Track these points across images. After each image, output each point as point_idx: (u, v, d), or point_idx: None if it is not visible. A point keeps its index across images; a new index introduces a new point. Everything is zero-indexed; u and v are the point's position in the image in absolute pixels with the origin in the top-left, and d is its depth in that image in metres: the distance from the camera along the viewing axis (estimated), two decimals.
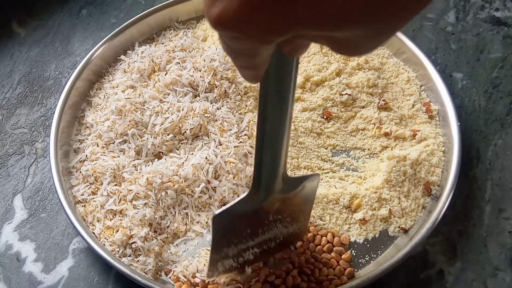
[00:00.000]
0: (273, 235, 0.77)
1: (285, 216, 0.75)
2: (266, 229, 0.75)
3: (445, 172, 0.86)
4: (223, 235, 0.72)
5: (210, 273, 0.76)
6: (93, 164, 0.87)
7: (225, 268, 0.76)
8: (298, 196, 0.73)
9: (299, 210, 0.77)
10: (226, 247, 0.74)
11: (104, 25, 1.13)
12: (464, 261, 0.82)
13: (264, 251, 0.78)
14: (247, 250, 0.76)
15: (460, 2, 1.12)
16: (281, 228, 0.76)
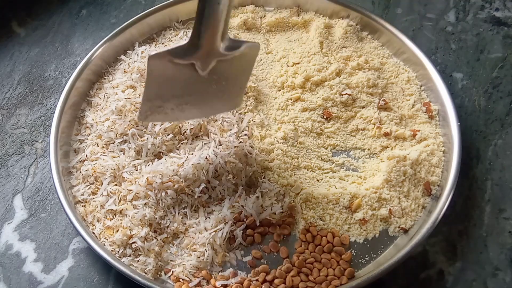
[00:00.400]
0: (208, 94, 0.79)
1: (221, 79, 0.77)
2: (201, 87, 0.77)
3: (445, 172, 0.86)
4: (158, 81, 0.74)
5: (141, 116, 0.78)
6: (93, 164, 0.87)
7: (157, 115, 0.79)
8: (236, 61, 0.76)
9: (235, 78, 0.79)
10: (159, 94, 0.76)
11: (104, 25, 1.12)
12: (464, 261, 0.82)
13: (199, 107, 0.80)
14: (181, 104, 0.78)
15: (460, 2, 1.12)
16: (216, 91, 0.79)
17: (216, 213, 0.82)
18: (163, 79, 0.75)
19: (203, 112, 0.84)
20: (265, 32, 1.07)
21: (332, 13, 1.06)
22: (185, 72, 0.75)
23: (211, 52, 0.73)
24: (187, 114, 0.82)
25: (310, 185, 0.87)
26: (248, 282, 0.77)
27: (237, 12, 1.08)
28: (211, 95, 0.80)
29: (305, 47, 1.01)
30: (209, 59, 0.74)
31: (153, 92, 0.76)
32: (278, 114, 0.93)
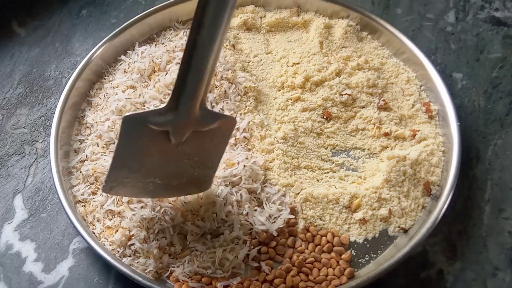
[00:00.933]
0: (178, 170, 0.75)
1: (194, 153, 0.74)
2: (172, 160, 0.74)
3: (445, 172, 0.86)
4: (129, 146, 0.71)
5: (106, 186, 0.75)
6: (94, 164, 0.87)
7: (123, 188, 0.75)
8: (210, 135, 0.72)
9: (208, 153, 0.76)
10: (128, 162, 0.72)
11: (104, 25, 1.13)
12: (464, 261, 0.82)
13: (167, 186, 0.77)
14: (150, 178, 0.75)
15: (460, 2, 1.12)
16: (187, 166, 0.75)
17: (227, 232, 0.81)
18: (135, 145, 0.71)
19: (170, 192, 0.80)
20: (265, 32, 1.07)
21: (332, 13, 1.06)
22: (158, 141, 0.71)
23: (187, 120, 0.69)
24: (154, 192, 0.78)
25: (310, 185, 0.87)
26: (248, 282, 0.77)
27: (237, 12, 1.08)
28: (181, 172, 0.76)
29: (305, 47, 1.01)
30: (185, 129, 0.71)
31: (122, 159, 0.72)
32: (278, 114, 0.93)
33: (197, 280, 0.77)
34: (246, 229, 0.82)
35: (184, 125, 0.70)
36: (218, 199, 0.82)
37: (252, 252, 0.80)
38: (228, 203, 0.82)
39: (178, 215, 0.80)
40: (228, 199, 0.82)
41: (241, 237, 0.80)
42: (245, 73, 0.96)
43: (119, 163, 0.72)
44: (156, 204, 0.81)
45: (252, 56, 1.02)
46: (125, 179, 0.75)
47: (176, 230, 0.81)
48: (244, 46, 1.03)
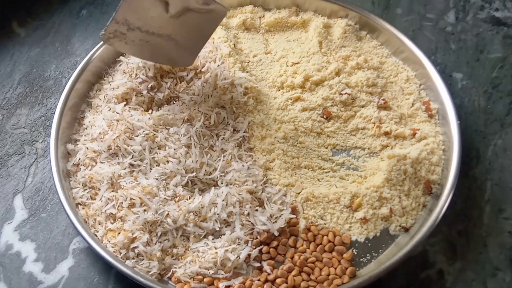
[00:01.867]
0: (167, 40, 0.85)
1: (183, 28, 0.84)
2: (166, 29, 0.84)
3: (445, 170, 0.86)
4: (132, 6, 0.80)
5: (105, 36, 0.83)
6: (90, 171, 0.86)
7: (118, 41, 0.84)
8: (202, 18, 0.83)
9: (195, 34, 0.86)
10: (128, 20, 0.81)
11: (104, 25, 1.11)
12: (464, 261, 0.82)
13: (157, 50, 0.87)
14: (144, 38, 0.84)
15: (460, 2, 1.12)
16: (175, 39, 0.85)
17: (228, 233, 0.81)
18: (137, 6, 0.80)
19: (158, 57, 0.89)
20: (264, 32, 1.07)
21: (330, 12, 1.06)
22: (157, 8, 0.81)
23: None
24: (143, 53, 0.88)
25: (310, 184, 0.87)
26: (250, 282, 0.77)
27: (236, 12, 1.08)
28: (170, 42, 0.86)
29: (304, 47, 1.01)
30: (181, 2, 0.80)
31: (123, 15, 0.80)
32: (278, 114, 0.93)
33: (199, 281, 0.77)
34: (248, 229, 0.82)
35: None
36: (219, 200, 0.82)
37: (254, 252, 0.80)
38: (230, 203, 0.82)
39: (180, 217, 0.80)
40: (229, 200, 0.82)
41: (243, 237, 0.80)
42: (245, 74, 0.96)
43: (120, 18, 0.81)
44: (159, 206, 0.80)
45: (252, 56, 1.02)
46: (122, 35, 0.83)
47: (178, 232, 0.81)
48: (243, 46, 1.03)
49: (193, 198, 0.83)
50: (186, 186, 0.84)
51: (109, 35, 0.83)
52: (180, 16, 0.83)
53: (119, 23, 0.82)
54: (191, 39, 0.87)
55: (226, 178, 0.84)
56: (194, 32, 0.86)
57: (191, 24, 0.85)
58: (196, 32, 0.86)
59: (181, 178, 0.84)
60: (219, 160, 0.86)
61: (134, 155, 0.86)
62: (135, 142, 0.86)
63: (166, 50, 0.87)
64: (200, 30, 0.86)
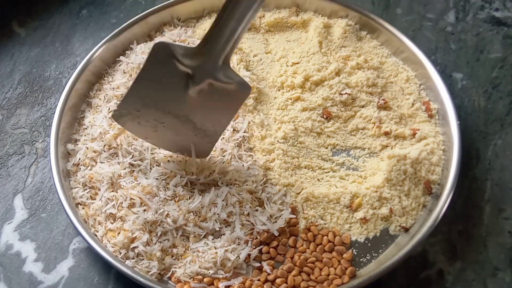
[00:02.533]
0: (185, 123, 0.78)
1: (204, 109, 0.77)
2: (184, 109, 0.77)
3: (445, 170, 0.86)
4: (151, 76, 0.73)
5: (116, 114, 0.78)
6: (90, 171, 0.86)
7: (130, 122, 0.78)
8: (224, 96, 0.75)
9: (217, 115, 0.78)
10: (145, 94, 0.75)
11: (104, 25, 1.13)
12: (464, 261, 0.82)
13: (170, 136, 0.80)
14: (159, 119, 0.78)
15: (460, 2, 1.12)
16: (195, 121, 0.78)
17: (228, 233, 0.81)
18: (156, 77, 0.74)
19: (171, 145, 0.83)
20: (264, 32, 1.07)
21: (331, 12, 1.06)
22: (176, 82, 0.74)
23: (210, 67, 0.72)
24: (157, 138, 0.81)
25: (310, 184, 0.87)
26: (250, 282, 0.77)
27: None
28: (187, 126, 0.79)
29: (304, 47, 1.01)
30: (205, 76, 0.73)
31: (140, 88, 0.75)
32: (278, 114, 0.93)
33: (199, 281, 0.77)
34: (248, 229, 0.82)
35: (205, 72, 0.72)
36: (219, 200, 0.82)
37: (254, 252, 0.80)
38: (229, 203, 0.82)
39: (180, 217, 0.80)
40: (229, 200, 0.82)
41: (243, 237, 0.80)
42: (249, 73, 0.96)
43: (136, 93, 0.76)
44: (159, 206, 0.80)
45: (252, 56, 1.02)
46: (136, 112, 0.78)
47: (178, 232, 0.81)
48: (243, 46, 1.03)
49: (193, 198, 0.83)
50: (186, 186, 0.84)
51: (121, 114, 0.78)
52: (200, 93, 0.75)
53: (133, 98, 0.76)
54: (210, 122, 0.79)
55: (226, 178, 0.84)
56: (214, 114, 0.78)
57: (211, 104, 0.77)
58: (216, 114, 0.78)
59: (181, 178, 0.84)
60: (219, 161, 0.86)
61: (134, 154, 0.86)
62: (137, 142, 0.86)
63: (182, 136, 0.81)
64: (220, 112, 0.78)
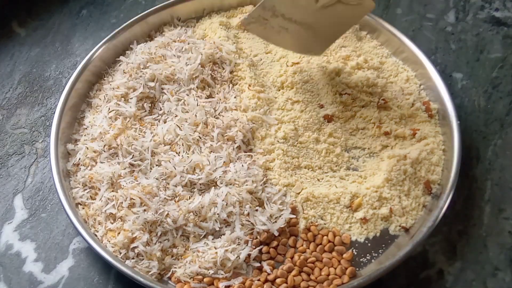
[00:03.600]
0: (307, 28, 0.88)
1: (326, 18, 0.87)
2: (308, 18, 0.87)
3: (445, 170, 0.86)
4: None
5: (246, 20, 0.87)
6: (90, 171, 0.86)
7: (258, 27, 0.88)
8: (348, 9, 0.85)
9: (336, 25, 0.90)
10: (275, 5, 0.85)
11: (104, 25, 1.13)
12: (464, 261, 0.82)
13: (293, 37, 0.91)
14: (285, 24, 0.87)
15: (460, 2, 1.12)
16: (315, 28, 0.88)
17: (228, 233, 0.81)
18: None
19: (290, 44, 0.93)
20: None
21: None
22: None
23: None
24: (277, 39, 0.92)
25: (310, 184, 0.87)
26: (250, 282, 0.77)
27: (236, 13, 1.08)
28: (308, 32, 0.89)
29: None
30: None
31: (272, 1, 0.85)
32: (278, 114, 0.93)
33: (199, 281, 0.77)
34: (248, 229, 0.82)
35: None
36: (219, 200, 0.82)
37: (254, 252, 0.80)
38: (229, 203, 0.82)
39: (180, 217, 0.80)
40: (229, 200, 0.82)
41: (243, 237, 0.80)
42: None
43: (269, 3, 0.85)
44: (159, 206, 0.80)
45: (252, 56, 1.01)
46: (264, 20, 0.87)
47: (178, 232, 0.81)
48: (243, 46, 1.03)
49: (193, 198, 0.83)
50: (186, 186, 0.84)
51: (251, 20, 0.87)
52: (328, 6, 0.85)
53: (265, 9, 0.86)
54: (330, 30, 0.90)
55: (226, 178, 0.84)
56: (335, 24, 0.89)
57: (335, 16, 0.87)
58: (337, 23, 0.89)
59: (181, 178, 0.84)
60: (218, 161, 0.86)
61: (134, 154, 0.86)
62: (137, 142, 0.86)
63: (302, 38, 0.91)
64: (341, 22, 0.89)
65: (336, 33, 0.93)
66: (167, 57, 0.96)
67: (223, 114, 0.91)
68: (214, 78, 0.95)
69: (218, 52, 0.97)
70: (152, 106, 0.93)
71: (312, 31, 0.90)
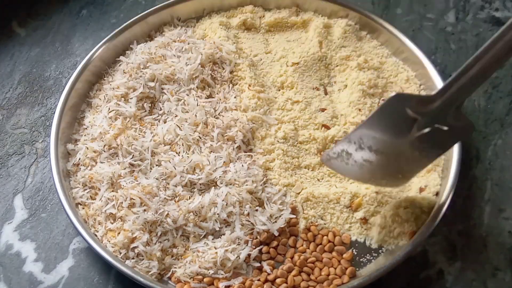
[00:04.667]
0: (392, 163, 0.77)
1: (418, 150, 0.75)
2: (396, 151, 0.75)
3: (445, 170, 0.86)
4: (376, 124, 0.73)
5: (326, 156, 0.80)
6: (90, 171, 0.86)
7: (338, 163, 0.79)
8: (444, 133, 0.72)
9: (428, 152, 0.76)
10: (362, 139, 0.75)
11: (104, 25, 1.12)
12: (464, 261, 0.82)
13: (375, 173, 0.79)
14: (364, 162, 0.77)
15: (460, 2, 1.12)
16: (399, 162, 0.77)
17: (228, 233, 0.81)
18: (381, 125, 0.73)
19: (370, 178, 0.81)
20: (264, 32, 1.07)
21: (331, 12, 1.06)
22: (401, 126, 0.73)
23: (441, 112, 0.71)
24: (361, 175, 0.80)
25: (310, 184, 0.87)
26: (250, 282, 0.77)
27: (236, 13, 1.08)
28: (393, 162, 0.77)
29: (304, 47, 1.01)
30: (432, 120, 0.71)
31: (361, 133, 0.75)
32: (278, 114, 0.93)
33: (199, 281, 0.78)
34: (248, 229, 0.82)
35: (433, 118, 0.71)
36: (219, 200, 0.82)
37: (254, 252, 0.80)
38: (229, 203, 0.82)
39: (180, 217, 0.80)
40: (229, 200, 0.82)
41: (243, 237, 0.80)
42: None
43: (357, 136, 0.75)
44: (159, 206, 0.80)
45: (252, 56, 1.01)
46: (348, 154, 0.78)
47: (178, 232, 0.81)
48: (243, 46, 1.03)
49: (193, 198, 0.83)
50: (186, 186, 0.84)
51: (332, 156, 0.79)
52: (419, 137, 0.73)
53: (351, 142, 0.76)
54: (414, 164, 0.78)
55: (225, 178, 0.84)
56: (425, 151, 0.76)
57: (428, 145, 0.74)
58: (428, 151, 0.76)
59: (181, 178, 0.84)
60: (218, 161, 0.86)
61: (134, 154, 0.86)
62: (137, 142, 0.86)
63: (384, 170, 0.79)
64: (432, 150, 0.76)
65: (422, 162, 0.79)
66: (167, 57, 0.96)
67: (223, 114, 0.91)
68: (214, 78, 0.95)
69: (218, 52, 0.97)
70: (152, 106, 0.93)
71: (397, 165, 0.78)
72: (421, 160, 0.77)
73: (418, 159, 0.76)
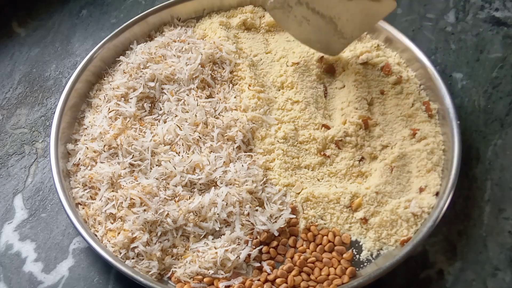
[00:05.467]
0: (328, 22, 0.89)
1: (349, 15, 0.87)
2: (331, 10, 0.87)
3: (445, 170, 0.86)
4: None
5: (271, 4, 0.88)
6: (90, 171, 0.86)
7: (281, 14, 0.89)
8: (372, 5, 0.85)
9: (358, 23, 0.89)
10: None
11: (104, 25, 1.13)
12: (464, 261, 0.82)
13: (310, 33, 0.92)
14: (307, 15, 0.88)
15: (460, 2, 1.12)
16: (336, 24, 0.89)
17: (228, 233, 0.81)
18: None
19: (310, 39, 0.93)
20: (264, 32, 1.07)
21: None
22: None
23: None
24: (298, 31, 0.92)
25: (310, 184, 0.87)
26: (250, 282, 0.77)
27: (236, 13, 1.08)
28: (329, 26, 0.89)
29: (304, 47, 1.01)
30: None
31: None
32: (278, 114, 0.93)
33: (199, 281, 0.78)
34: (248, 229, 0.82)
35: None
36: (219, 200, 0.82)
37: (254, 252, 0.80)
38: (229, 203, 0.82)
39: (180, 217, 0.80)
40: (229, 200, 0.82)
41: (243, 237, 0.80)
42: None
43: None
44: (159, 206, 0.81)
45: (252, 56, 1.02)
46: (289, 7, 0.88)
47: (178, 232, 0.81)
48: (243, 46, 1.03)
49: (193, 198, 0.83)
50: (186, 186, 0.84)
51: (276, 5, 0.88)
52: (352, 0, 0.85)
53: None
54: (350, 27, 0.90)
55: (225, 178, 0.84)
56: (356, 20, 0.89)
57: (357, 11, 0.87)
58: (358, 20, 0.89)
59: (181, 178, 0.84)
60: (218, 161, 0.86)
61: (134, 154, 0.86)
62: (137, 142, 0.86)
63: (321, 33, 0.91)
64: (362, 20, 0.89)
65: (355, 32, 0.92)
66: (167, 57, 0.96)
67: (223, 114, 0.92)
68: (214, 78, 0.96)
69: (218, 52, 0.97)
70: (152, 106, 0.93)
71: (333, 26, 0.90)
72: (353, 28, 0.89)
73: (350, 26, 0.88)
